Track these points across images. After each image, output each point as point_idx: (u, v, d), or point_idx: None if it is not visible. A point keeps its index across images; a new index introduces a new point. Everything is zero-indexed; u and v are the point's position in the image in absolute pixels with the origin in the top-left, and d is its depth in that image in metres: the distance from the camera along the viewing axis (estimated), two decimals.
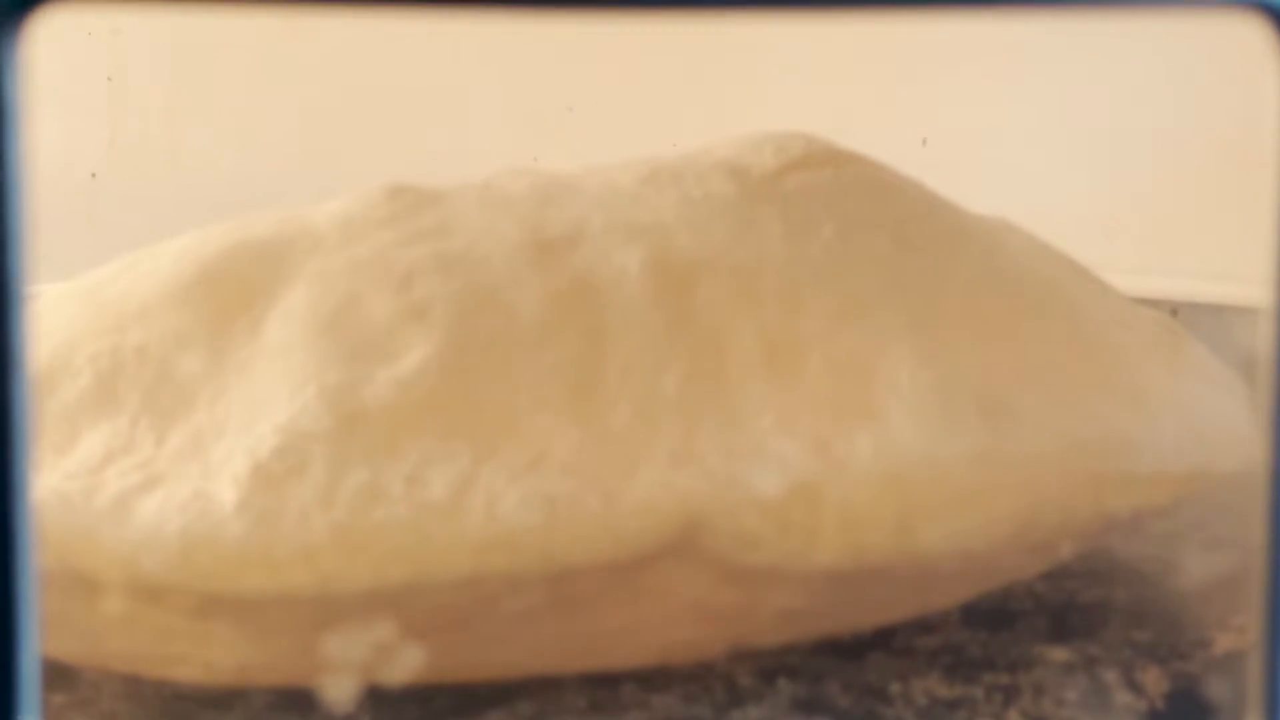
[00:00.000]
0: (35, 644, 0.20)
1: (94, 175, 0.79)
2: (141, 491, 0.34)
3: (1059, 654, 0.38)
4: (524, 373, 0.35)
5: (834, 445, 0.34)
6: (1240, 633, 0.39)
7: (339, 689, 0.34)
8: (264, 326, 0.37)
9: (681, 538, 0.33)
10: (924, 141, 0.71)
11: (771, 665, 0.37)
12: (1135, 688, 0.37)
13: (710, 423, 0.34)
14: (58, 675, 0.37)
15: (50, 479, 0.34)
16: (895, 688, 0.37)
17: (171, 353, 0.37)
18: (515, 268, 0.37)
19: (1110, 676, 0.37)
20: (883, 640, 0.39)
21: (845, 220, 0.39)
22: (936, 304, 0.38)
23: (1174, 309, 0.61)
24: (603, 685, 0.37)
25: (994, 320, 0.38)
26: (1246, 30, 0.20)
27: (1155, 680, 0.37)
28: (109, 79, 0.78)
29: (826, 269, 0.38)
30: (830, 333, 0.36)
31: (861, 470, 0.34)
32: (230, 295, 0.38)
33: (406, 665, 0.33)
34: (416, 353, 0.35)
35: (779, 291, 0.37)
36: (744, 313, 0.36)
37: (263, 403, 0.35)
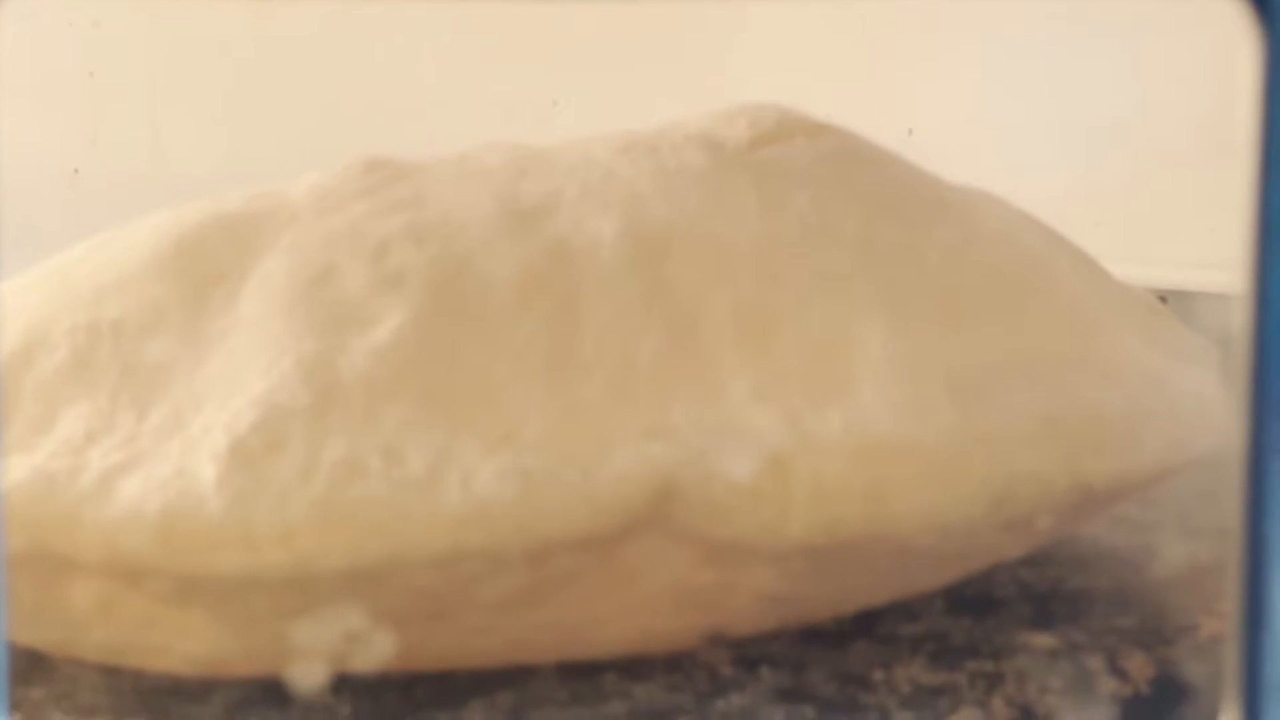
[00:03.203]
0: (2, 632, 0.20)
1: (76, 171, 0.78)
2: (124, 471, 0.33)
3: (1043, 640, 0.38)
4: (499, 341, 0.35)
5: (806, 418, 0.34)
6: (1225, 618, 0.39)
7: (316, 677, 0.34)
8: (239, 298, 0.37)
9: (656, 510, 0.33)
10: (909, 132, 0.70)
11: (754, 654, 0.37)
12: (1120, 673, 0.37)
13: (684, 394, 0.34)
14: (35, 669, 0.36)
15: (33, 459, 0.34)
16: (878, 675, 0.37)
17: (148, 327, 0.37)
18: (490, 237, 0.37)
19: (1095, 663, 0.37)
20: (865, 627, 0.39)
21: (819, 191, 0.39)
22: (911, 276, 0.38)
23: (1162, 297, 0.61)
24: (584, 675, 0.36)
25: (970, 292, 0.38)
26: (1226, 18, 0.20)
27: (1140, 666, 0.37)
28: (90, 74, 0.78)
29: (800, 240, 0.38)
30: (804, 305, 0.36)
31: (832, 443, 0.34)
32: (206, 268, 0.38)
33: (384, 653, 0.33)
34: (391, 321, 0.35)
35: (753, 263, 0.37)
36: (718, 284, 0.36)
37: (239, 374, 0.35)
